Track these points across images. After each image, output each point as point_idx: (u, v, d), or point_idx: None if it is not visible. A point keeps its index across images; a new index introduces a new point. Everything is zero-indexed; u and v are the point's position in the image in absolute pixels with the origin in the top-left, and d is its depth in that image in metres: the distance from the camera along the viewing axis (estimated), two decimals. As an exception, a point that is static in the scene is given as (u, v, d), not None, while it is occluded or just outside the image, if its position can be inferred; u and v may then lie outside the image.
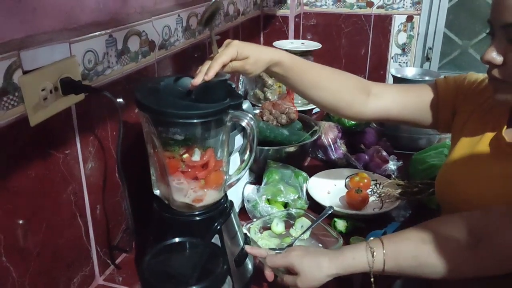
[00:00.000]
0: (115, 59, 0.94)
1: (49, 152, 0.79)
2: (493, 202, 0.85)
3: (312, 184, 1.30)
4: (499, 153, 0.88)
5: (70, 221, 0.87)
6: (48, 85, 0.75)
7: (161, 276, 0.60)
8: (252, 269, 0.95)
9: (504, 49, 0.78)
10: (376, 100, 1.02)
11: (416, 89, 1.04)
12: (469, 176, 0.91)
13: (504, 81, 0.80)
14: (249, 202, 1.18)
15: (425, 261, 0.77)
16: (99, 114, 0.92)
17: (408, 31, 1.91)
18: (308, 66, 0.97)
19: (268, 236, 1.11)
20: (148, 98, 0.78)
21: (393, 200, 1.22)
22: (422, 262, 0.77)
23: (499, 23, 0.78)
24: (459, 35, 2.06)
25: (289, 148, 1.35)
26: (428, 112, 1.03)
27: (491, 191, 0.87)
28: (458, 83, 1.01)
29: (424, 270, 0.78)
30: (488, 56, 0.80)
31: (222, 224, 0.86)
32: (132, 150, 0.99)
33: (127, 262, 1.04)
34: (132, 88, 0.98)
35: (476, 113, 0.96)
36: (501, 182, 0.85)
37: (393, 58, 1.98)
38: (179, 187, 0.83)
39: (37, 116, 0.74)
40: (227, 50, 0.83)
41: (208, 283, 0.59)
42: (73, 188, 0.86)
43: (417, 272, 0.79)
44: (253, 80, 1.76)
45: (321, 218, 1.10)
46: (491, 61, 0.80)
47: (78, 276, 0.91)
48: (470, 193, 0.89)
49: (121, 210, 1.03)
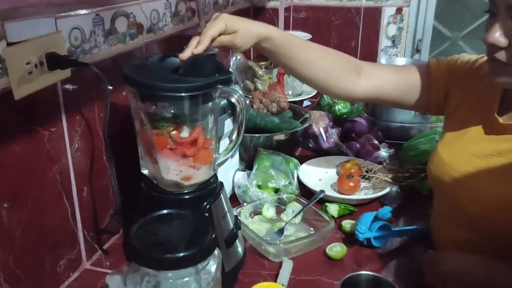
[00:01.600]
0: (102, 38, 0.92)
1: (34, 128, 0.78)
2: (486, 180, 0.85)
3: (303, 171, 1.29)
4: (492, 133, 0.88)
5: (56, 201, 0.85)
6: (33, 59, 0.74)
7: (148, 243, 0.59)
8: (242, 253, 0.94)
9: (509, 30, 0.76)
10: (367, 79, 1.01)
11: (408, 70, 1.04)
12: (462, 155, 0.91)
13: (507, 63, 0.78)
14: (240, 187, 1.17)
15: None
16: (86, 94, 0.90)
17: (397, 23, 1.92)
18: (299, 42, 0.96)
19: (259, 221, 1.10)
20: (136, 72, 0.77)
21: (384, 185, 1.21)
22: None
23: (504, 3, 0.75)
24: (449, 27, 2.07)
25: (280, 136, 1.34)
26: (420, 93, 1.02)
27: (484, 169, 0.86)
28: (451, 64, 1.00)
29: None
30: (492, 38, 0.77)
31: (212, 204, 0.85)
32: (120, 131, 0.97)
33: (115, 247, 1.02)
34: (120, 70, 0.96)
35: (469, 94, 0.95)
36: (494, 159, 0.85)
37: (383, 51, 1.98)
38: (167, 164, 0.81)
39: (22, 89, 0.73)
40: (216, 24, 0.82)
41: (196, 250, 0.58)
42: (59, 168, 0.85)
43: None
44: (243, 71, 1.75)
45: (313, 202, 1.09)
46: (496, 43, 0.77)
47: (65, 259, 0.89)
48: (462, 172, 0.89)
49: (108, 194, 1.01)
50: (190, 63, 0.78)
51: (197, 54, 0.78)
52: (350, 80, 1.00)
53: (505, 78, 0.81)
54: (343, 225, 1.07)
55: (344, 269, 0.95)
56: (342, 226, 1.07)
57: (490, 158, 0.86)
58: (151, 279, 0.61)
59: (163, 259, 0.57)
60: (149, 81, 0.74)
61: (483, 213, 0.85)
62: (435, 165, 0.96)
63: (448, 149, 0.95)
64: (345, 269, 0.95)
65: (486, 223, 0.85)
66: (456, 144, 0.94)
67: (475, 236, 0.88)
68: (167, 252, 0.57)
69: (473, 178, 0.87)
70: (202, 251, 0.59)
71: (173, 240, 0.61)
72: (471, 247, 0.87)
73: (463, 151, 0.91)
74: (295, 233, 1.06)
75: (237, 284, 0.90)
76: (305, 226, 1.09)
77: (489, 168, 0.86)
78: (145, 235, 0.61)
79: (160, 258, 0.57)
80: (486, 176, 0.86)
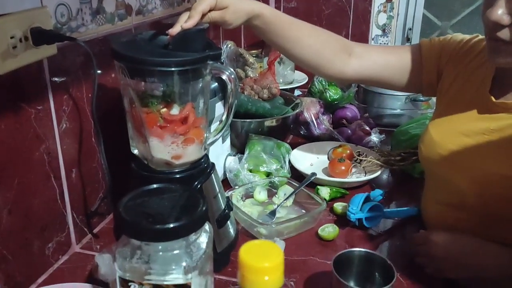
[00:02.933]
0: (89, 17, 0.91)
1: (20, 105, 0.76)
2: (477, 159, 0.85)
3: (295, 156, 1.28)
4: (484, 112, 0.87)
5: (43, 182, 0.83)
6: (18, 33, 0.72)
7: (139, 216, 0.57)
8: (234, 235, 0.93)
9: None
10: (358, 59, 1.01)
11: (400, 50, 1.04)
12: (452, 134, 0.90)
13: (509, 42, 0.76)
14: (231, 171, 1.16)
15: None
16: (74, 73, 0.88)
17: (388, 12, 1.92)
18: (290, 21, 0.95)
19: (250, 204, 1.09)
20: (124, 48, 0.75)
21: (376, 168, 1.21)
22: None
23: None
24: (438, 16, 2.08)
25: (271, 121, 1.33)
26: (412, 73, 1.01)
27: (474, 148, 0.86)
28: (444, 43, 1.00)
29: None
30: (495, 16, 0.74)
31: (203, 183, 0.84)
32: (109, 113, 0.96)
33: (105, 231, 1.01)
34: (108, 51, 0.95)
35: (462, 73, 0.95)
36: (485, 138, 0.85)
37: (373, 39, 1.98)
38: (157, 143, 0.80)
39: (6, 64, 0.71)
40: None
41: (187, 221, 0.57)
42: (46, 148, 0.83)
43: None
44: (234, 59, 1.74)
45: (305, 184, 1.09)
46: (499, 21, 0.74)
47: (53, 242, 0.88)
48: (452, 151, 0.89)
49: (98, 178, 0.99)
50: (179, 38, 0.77)
51: (187, 29, 0.77)
52: (341, 60, 0.99)
53: (507, 58, 0.78)
54: (335, 207, 1.06)
55: (336, 249, 0.94)
56: (333, 208, 1.07)
57: (481, 136, 0.86)
58: (142, 254, 0.60)
59: (154, 230, 0.56)
60: (138, 55, 0.73)
61: (472, 191, 0.85)
62: (426, 145, 0.96)
63: (439, 128, 0.95)
64: (337, 249, 0.94)
65: (475, 202, 0.85)
66: (447, 123, 0.93)
67: (465, 215, 0.88)
68: (157, 223, 0.56)
69: (462, 157, 0.87)
70: (193, 222, 0.58)
71: (164, 212, 0.59)
72: (461, 227, 0.87)
73: (453, 130, 0.91)
74: (287, 215, 1.05)
75: (229, 265, 0.89)
76: (296, 208, 1.08)
77: (479, 147, 0.85)
78: (135, 207, 0.59)
79: (150, 229, 0.56)
80: (476, 154, 0.86)
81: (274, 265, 0.37)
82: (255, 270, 0.37)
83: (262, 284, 0.37)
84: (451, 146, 0.89)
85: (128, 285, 0.59)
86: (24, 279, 0.81)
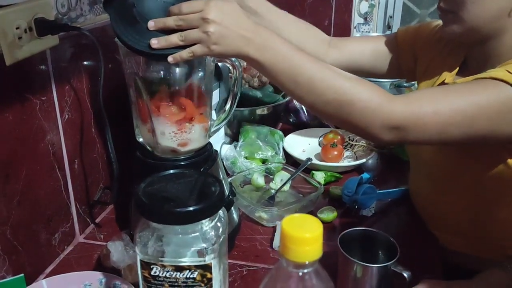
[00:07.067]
0: (87, 7, 0.91)
1: (26, 96, 0.76)
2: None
3: (288, 143, 1.31)
4: None
5: (49, 172, 0.83)
6: (23, 24, 0.72)
7: (159, 199, 0.59)
8: (237, 220, 0.95)
9: None
10: (336, 50, 1.05)
11: (376, 38, 1.09)
12: None
13: (451, 11, 0.82)
14: (228, 159, 1.18)
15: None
16: (74, 64, 0.88)
17: (369, 0, 1.96)
18: (270, 8, 0.97)
19: (249, 190, 1.12)
20: (129, 35, 0.75)
21: (367, 152, 1.25)
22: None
23: None
24: (417, 4, 2.13)
25: (263, 109, 1.36)
26: (390, 60, 1.06)
27: None
28: (419, 30, 1.04)
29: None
30: None
31: (208, 170, 0.86)
32: (110, 103, 0.96)
33: (107, 221, 1.01)
34: (106, 40, 0.95)
35: (435, 58, 0.99)
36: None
37: (355, 28, 2.02)
38: (163, 129, 0.81)
39: (13, 55, 0.71)
40: None
41: (208, 203, 0.58)
42: (51, 138, 0.83)
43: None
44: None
45: (301, 169, 1.12)
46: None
47: (59, 232, 0.88)
48: None
49: (98, 168, 1.00)
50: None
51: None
52: (320, 51, 1.03)
53: (453, 27, 0.84)
54: (331, 190, 1.10)
55: (336, 230, 0.99)
56: (330, 191, 1.10)
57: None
58: (162, 237, 0.61)
59: (176, 213, 0.57)
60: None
61: (438, 162, 0.91)
62: None
63: None
64: (337, 230, 0.99)
65: (442, 173, 0.92)
66: None
67: (439, 189, 0.95)
68: (179, 206, 0.58)
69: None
70: (212, 204, 0.60)
71: (182, 196, 0.61)
72: (441, 203, 0.94)
73: None
74: (285, 200, 1.08)
75: (234, 249, 0.92)
76: (294, 193, 1.11)
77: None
78: (153, 192, 0.61)
79: (172, 212, 0.57)
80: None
81: (315, 236, 0.39)
82: (297, 240, 0.39)
83: (303, 254, 0.39)
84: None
85: (150, 268, 0.60)
86: (33, 269, 0.82)
